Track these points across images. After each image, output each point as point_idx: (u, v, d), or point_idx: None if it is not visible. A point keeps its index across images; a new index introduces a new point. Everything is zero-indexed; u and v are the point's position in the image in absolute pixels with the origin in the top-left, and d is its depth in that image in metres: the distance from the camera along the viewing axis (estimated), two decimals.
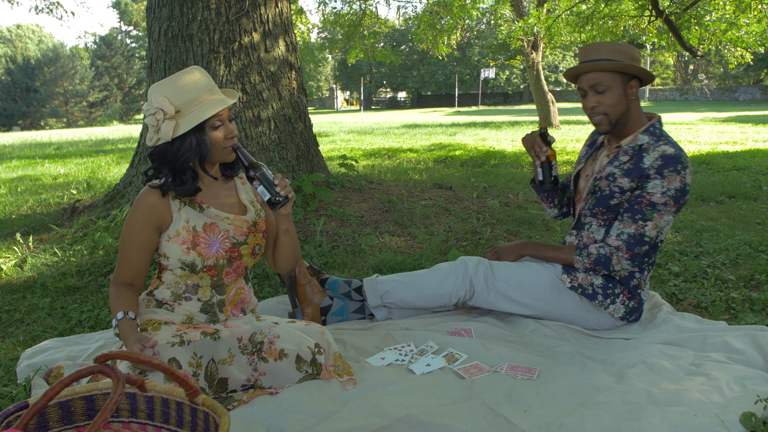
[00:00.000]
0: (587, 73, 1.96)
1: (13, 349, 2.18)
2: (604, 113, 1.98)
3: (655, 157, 1.91)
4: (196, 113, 1.62)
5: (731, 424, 1.45)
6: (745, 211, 4.04)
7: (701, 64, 34.80)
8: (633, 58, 1.95)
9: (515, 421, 1.53)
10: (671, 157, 1.89)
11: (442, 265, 2.24)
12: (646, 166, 1.92)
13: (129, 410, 1.27)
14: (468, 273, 2.15)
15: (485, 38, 41.05)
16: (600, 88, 1.95)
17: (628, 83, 1.96)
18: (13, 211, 4.83)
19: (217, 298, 1.78)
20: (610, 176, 2.00)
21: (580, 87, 2.02)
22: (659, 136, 1.97)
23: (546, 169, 2.14)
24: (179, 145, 1.63)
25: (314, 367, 1.72)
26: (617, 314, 2.09)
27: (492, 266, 2.17)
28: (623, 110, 1.98)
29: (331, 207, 3.83)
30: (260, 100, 3.86)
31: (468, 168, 6.65)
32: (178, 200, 1.71)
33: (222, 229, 1.73)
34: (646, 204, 1.91)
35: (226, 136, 1.67)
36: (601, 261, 1.99)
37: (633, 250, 1.94)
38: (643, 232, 1.92)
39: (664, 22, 7.73)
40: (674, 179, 1.89)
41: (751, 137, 9.44)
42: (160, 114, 1.60)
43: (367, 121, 21.82)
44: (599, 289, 2.07)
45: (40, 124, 44.61)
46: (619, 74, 1.94)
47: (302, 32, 15.06)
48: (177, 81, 1.64)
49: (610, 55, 1.93)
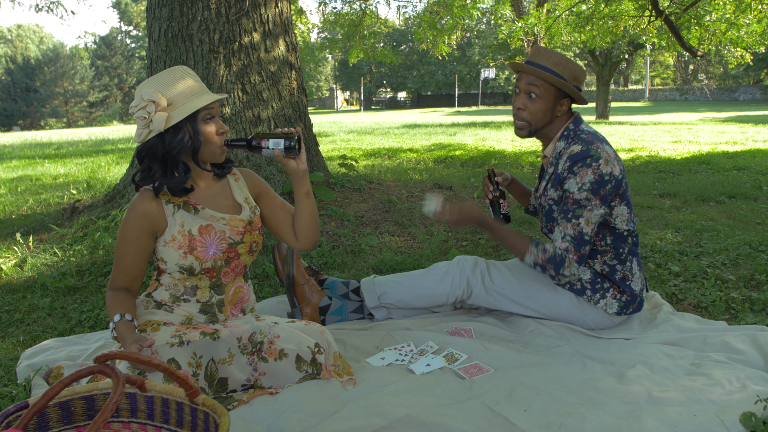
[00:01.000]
0: (527, 74, 1.99)
1: (13, 349, 2.18)
2: (527, 120, 2.02)
3: (565, 160, 1.95)
4: (189, 104, 1.61)
5: (731, 424, 1.45)
6: (745, 211, 4.04)
7: (701, 64, 34.83)
8: (575, 78, 1.98)
9: (515, 421, 1.53)
10: (578, 154, 1.92)
11: (439, 264, 2.24)
12: (560, 170, 1.97)
13: (129, 410, 1.27)
14: (465, 273, 2.15)
15: (485, 38, 41.05)
16: (533, 94, 1.98)
17: (560, 100, 1.99)
18: (13, 211, 4.83)
19: (216, 299, 1.77)
20: (546, 192, 2.06)
21: (516, 84, 2.04)
22: (572, 138, 2.00)
23: (495, 208, 2.20)
24: (171, 138, 1.61)
25: (314, 366, 1.72)
26: (611, 310, 2.08)
27: (489, 266, 2.17)
28: (545, 123, 2.02)
29: (331, 207, 3.83)
30: (260, 100, 3.86)
31: (468, 168, 6.66)
32: (171, 204, 1.69)
33: (218, 230, 1.72)
34: (571, 203, 1.94)
35: (217, 131, 1.67)
36: (555, 260, 1.95)
37: (579, 250, 1.94)
38: (580, 231, 1.93)
39: (664, 22, 7.73)
40: (586, 173, 1.90)
41: (751, 137, 9.44)
42: (151, 106, 1.59)
43: (367, 121, 21.83)
44: (587, 284, 2.07)
45: (40, 124, 44.62)
46: (555, 88, 1.98)
47: (302, 32, 15.07)
48: (165, 76, 1.64)
49: (555, 67, 1.96)
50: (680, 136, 10.06)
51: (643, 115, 18.54)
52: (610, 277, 2.07)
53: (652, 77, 46.78)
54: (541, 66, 1.96)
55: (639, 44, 17.39)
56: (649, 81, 41.64)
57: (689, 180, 5.33)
